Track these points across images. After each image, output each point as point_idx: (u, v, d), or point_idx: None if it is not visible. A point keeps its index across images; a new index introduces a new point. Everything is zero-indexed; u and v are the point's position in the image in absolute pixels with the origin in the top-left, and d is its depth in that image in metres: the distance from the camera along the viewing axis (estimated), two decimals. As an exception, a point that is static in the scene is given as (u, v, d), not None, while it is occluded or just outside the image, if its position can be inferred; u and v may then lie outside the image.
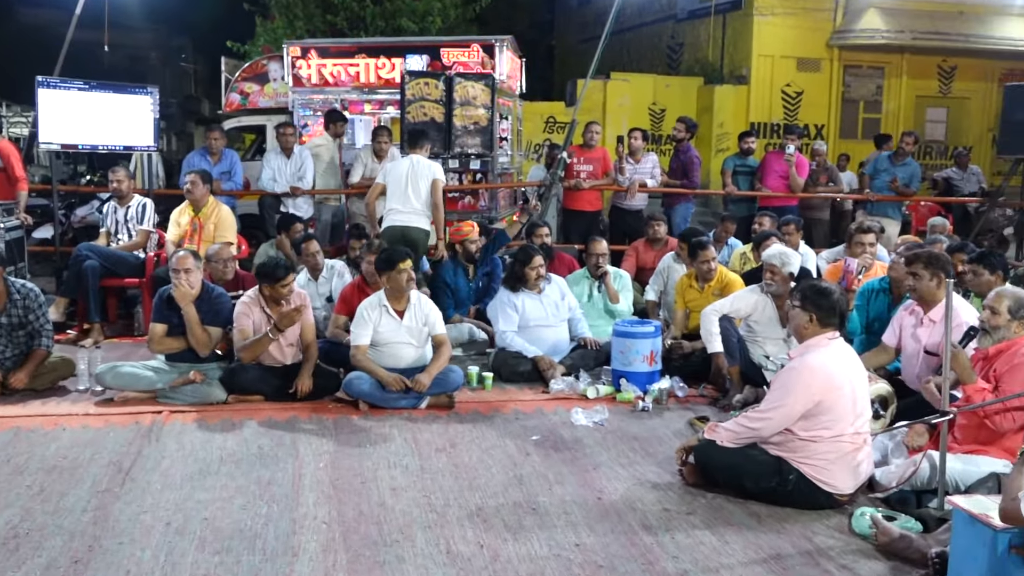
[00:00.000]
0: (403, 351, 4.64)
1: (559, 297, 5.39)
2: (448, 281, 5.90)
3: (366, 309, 4.64)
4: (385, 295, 4.66)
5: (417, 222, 6.21)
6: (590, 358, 5.25)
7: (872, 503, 3.33)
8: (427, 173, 6.18)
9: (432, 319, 4.68)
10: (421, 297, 4.75)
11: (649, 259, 6.83)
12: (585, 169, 7.85)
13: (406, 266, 4.59)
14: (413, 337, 4.65)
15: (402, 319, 4.64)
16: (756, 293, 4.80)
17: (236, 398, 4.58)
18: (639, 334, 4.89)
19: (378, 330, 4.61)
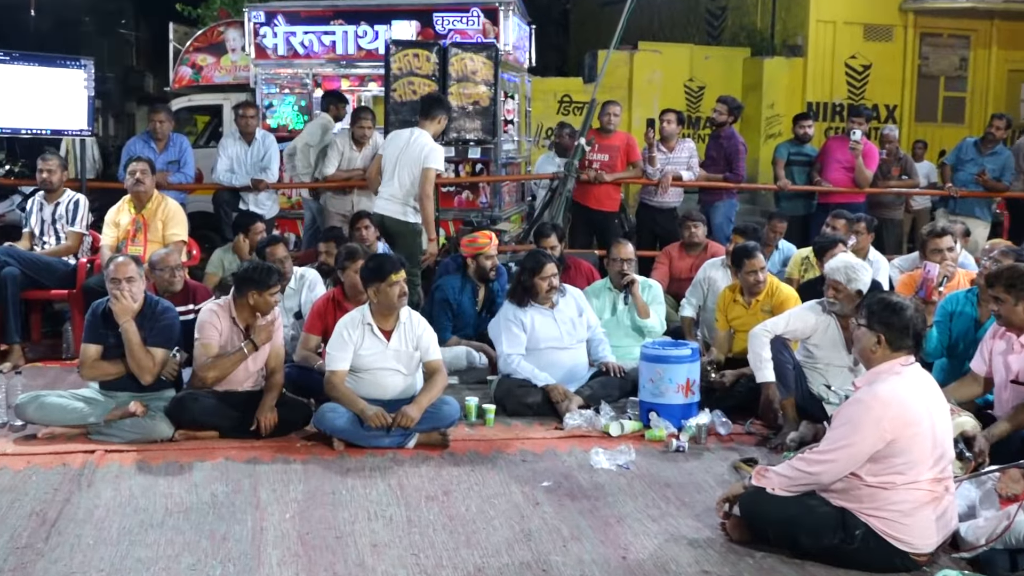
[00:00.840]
0: (389, 379, 4.66)
1: (575, 313, 5.40)
2: (450, 298, 5.91)
3: (346, 328, 4.66)
4: (370, 311, 4.68)
5: (397, 212, 6.26)
6: (613, 387, 5.26)
7: (956, 564, 3.31)
8: (418, 156, 6.21)
9: (426, 342, 4.71)
10: (413, 315, 4.78)
11: (684, 267, 6.87)
12: (600, 159, 7.92)
13: (399, 278, 4.62)
14: (401, 363, 4.68)
15: (389, 341, 4.66)
16: (816, 311, 4.81)
17: (185, 434, 4.60)
18: (673, 358, 4.90)
19: (359, 353, 4.63)
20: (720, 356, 5.48)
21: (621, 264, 5.84)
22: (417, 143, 6.24)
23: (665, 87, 13.66)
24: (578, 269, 6.62)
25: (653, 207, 8.09)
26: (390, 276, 4.60)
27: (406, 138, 6.32)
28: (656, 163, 7.94)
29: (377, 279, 4.63)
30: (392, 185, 6.29)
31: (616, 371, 5.31)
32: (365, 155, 7.79)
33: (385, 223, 6.38)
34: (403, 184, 6.25)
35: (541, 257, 5.32)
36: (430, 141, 6.26)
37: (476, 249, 5.92)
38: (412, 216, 6.31)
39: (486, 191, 8.29)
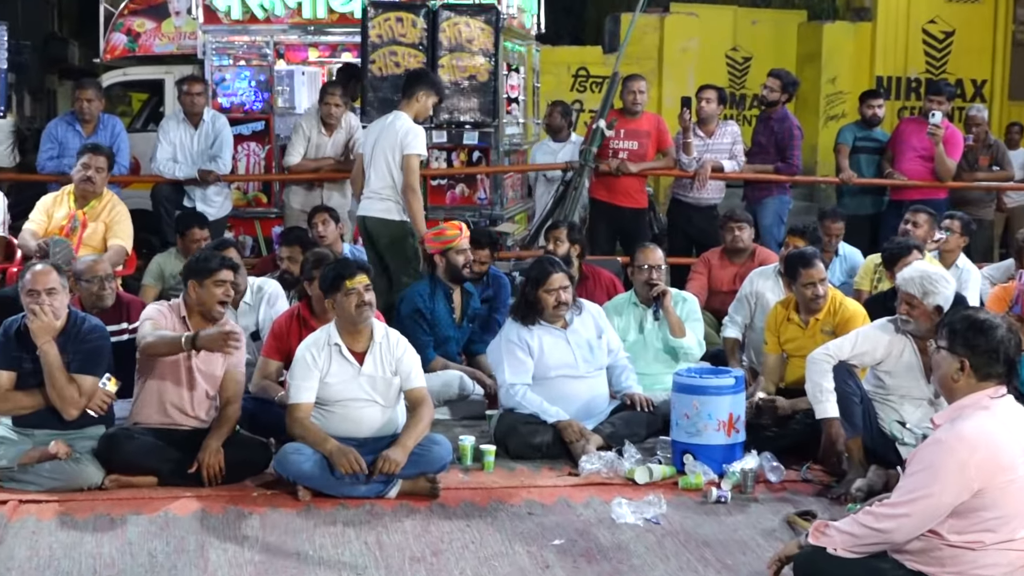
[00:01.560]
0: (364, 413, 4.68)
1: (593, 334, 5.42)
2: (421, 308, 5.93)
3: (310, 350, 4.68)
4: (336, 329, 4.71)
5: (380, 210, 6.32)
6: (640, 424, 5.28)
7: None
8: (396, 142, 6.28)
9: (407, 366, 4.73)
10: (391, 333, 4.80)
11: (727, 278, 6.90)
12: (624, 146, 7.96)
13: (356, 283, 4.64)
14: (378, 392, 4.69)
15: (362, 365, 4.69)
16: (888, 331, 4.81)
17: (117, 480, 4.61)
18: (712, 388, 4.91)
19: (326, 381, 4.65)
20: (771, 386, 5.49)
21: (649, 272, 5.87)
22: (393, 127, 6.32)
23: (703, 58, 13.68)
24: (597, 280, 6.65)
25: (688, 204, 8.12)
26: (344, 282, 4.62)
27: (379, 127, 6.41)
28: (692, 151, 7.98)
29: (331, 288, 4.68)
30: (372, 180, 6.36)
31: (643, 404, 5.32)
32: (336, 141, 7.84)
33: (368, 226, 6.43)
34: (383, 177, 6.32)
35: (548, 265, 5.34)
36: (408, 123, 6.32)
37: (444, 243, 5.97)
38: (399, 213, 6.37)
39: (485, 185, 8.31)
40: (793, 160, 8.12)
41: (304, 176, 7.87)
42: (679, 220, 8.21)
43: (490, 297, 6.49)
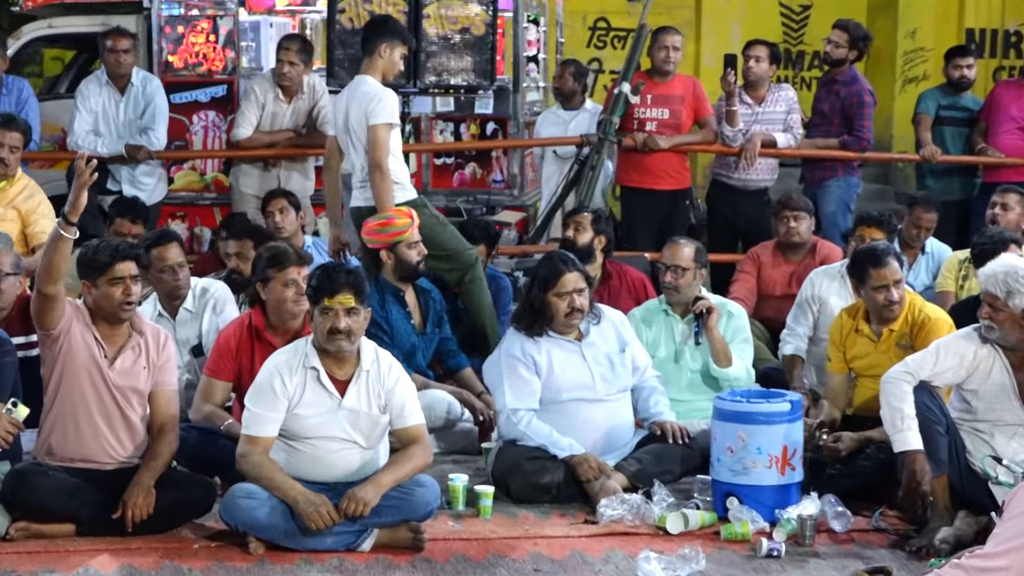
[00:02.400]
0: (339, 454, 4.67)
1: (615, 347, 5.43)
2: (375, 318, 5.83)
3: (279, 372, 4.67)
4: (314, 347, 4.71)
5: (369, 198, 6.35)
6: (672, 460, 5.29)
7: None
8: (360, 111, 6.30)
9: (399, 398, 4.72)
10: (383, 358, 4.79)
11: (781, 279, 6.92)
12: (655, 116, 7.98)
13: (336, 303, 4.60)
14: (359, 431, 4.69)
15: (343, 396, 4.68)
16: (974, 342, 4.81)
17: (26, 529, 4.61)
18: (763, 415, 4.92)
19: (297, 413, 4.65)
20: (835, 413, 5.50)
21: (664, 273, 5.88)
22: (355, 97, 6.35)
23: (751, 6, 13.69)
24: (623, 280, 6.67)
25: (732, 188, 8.15)
26: (324, 298, 4.59)
27: (344, 99, 6.45)
28: (738, 121, 8.00)
29: (311, 300, 4.68)
30: (355, 166, 6.43)
31: (677, 435, 5.33)
32: (297, 109, 7.86)
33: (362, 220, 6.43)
34: (357, 155, 6.38)
35: (559, 263, 5.34)
36: (374, 86, 6.33)
37: (392, 236, 5.99)
38: (401, 194, 6.34)
39: (502, 164, 8.31)
40: (863, 133, 8.13)
41: (257, 153, 7.88)
42: (721, 207, 8.24)
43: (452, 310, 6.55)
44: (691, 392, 5.82)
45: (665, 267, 5.88)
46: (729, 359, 5.76)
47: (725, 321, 5.86)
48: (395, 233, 6.00)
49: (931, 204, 7.28)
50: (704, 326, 5.77)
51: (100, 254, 4.71)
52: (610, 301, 6.03)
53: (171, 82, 8.56)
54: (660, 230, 7.87)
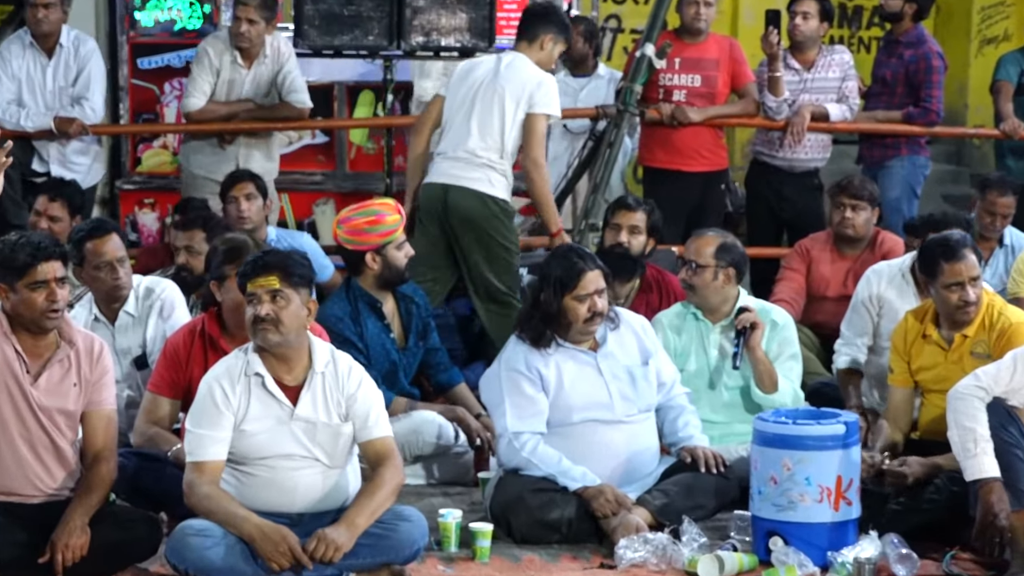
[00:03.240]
0: (299, 476, 4.68)
1: (637, 358, 5.46)
2: (349, 335, 5.94)
3: (219, 383, 4.68)
4: (257, 353, 4.72)
5: (471, 179, 6.50)
6: (704, 492, 5.31)
7: None
8: (520, 92, 6.51)
9: (364, 405, 4.73)
10: (340, 358, 4.81)
11: (835, 277, 6.93)
12: (685, 84, 8.00)
13: (258, 287, 4.64)
14: (319, 445, 4.70)
15: (295, 405, 4.71)
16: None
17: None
18: (812, 439, 4.92)
19: (244, 429, 4.66)
20: (898, 435, 5.51)
21: (683, 270, 5.91)
22: (514, 73, 6.54)
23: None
24: (664, 292, 6.67)
25: (777, 169, 8.17)
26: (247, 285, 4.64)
27: (491, 67, 6.61)
28: (783, 89, 8.01)
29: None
30: (468, 140, 6.53)
31: (711, 463, 5.35)
32: (259, 76, 7.86)
33: (449, 200, 6.54)
34: (490, 135, 6.49)
35: (577, 259, 5.34)
36: (540, 72, 6.57)
37: (382, 236, 5.95)
38: (499, 187, 6.50)
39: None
40: (931, 103, 8.15)
41: (211, 127, 7.90)
42: (763, 192, 8.25)
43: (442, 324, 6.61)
44: (727, 412, 5.84)
45: (683, 262, 5.93)
46: (775, 383, 5.77)
47: (768, 332, 5.85)
48: (385, 233, 5.97)
49: (1007, 187, 7.27)
50: (746, 344, 5.75)
51: (18, 253, 4.61)
52: (643, 310, 6.08)
53: (139, 43, 8.60)
54: (690, 220, 7.86)
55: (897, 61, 8.25)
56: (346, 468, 4.76)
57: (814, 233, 7.18)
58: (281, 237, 7.14)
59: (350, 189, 8.93)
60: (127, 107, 9.14)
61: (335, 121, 9.13)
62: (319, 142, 9.27)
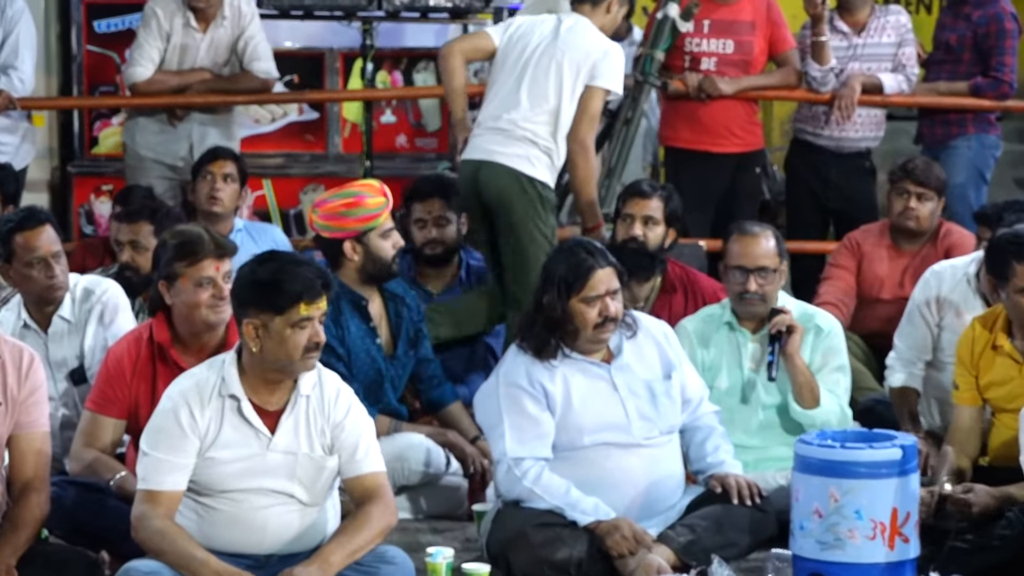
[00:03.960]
0: (271, 514, 4.67)
1: (658, 370, 5.45)
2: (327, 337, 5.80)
3: (185, 401, 4.66)
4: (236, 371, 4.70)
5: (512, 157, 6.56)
6: (737, 526, 5.28)
7: None
8: (582, 60, 6.60)
9: (352, 435, 4.73)
10: (327, 379, 4.81)
11: (891, 277, 6.95)
12: (714, 51, 8.01)
13: (315, 310, 4.61)
14: (299, 481, 4.70)
15: (274, 433, 4.69)
16: None
17: None
18: (864, 466, 4.90)
19: (212, 456, 4.65)
20: (963, 461, 5.51)
21: (746, 279, 5.81)
22: (576, 38, 6.64)
23: None
24: (691, 293, 6.67)
25: (822, 150, 8.19)
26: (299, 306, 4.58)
27: (550, 30, 6.67)
28: (828, 56, 8.01)
29: (271, 306, 4.59)
30: (516, 110, 6.59)
31: (744, 493, 5.33)
32: (216, 40, 7.85)
33: (480, 179, 6.61)
34: (536, 105, 6.57)
35: (585, 254, 5.32)
36: (604, 40, 6.68)
37: (362, 222, 5.96)
38: (541, 169, 6.56)
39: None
40: (1003, 73, 8.15)
41: (159, 101, 7.90)
42: (806, 177, 8.27)
43: None
44: (764, 434, 5.84)
45: (740, 270, 5.83)
46: (816, 397, 5.77)
47: (812, 341, 5.85)
48: (366, 217, 5.97)
49: None
50: (782, 351, 5.73)
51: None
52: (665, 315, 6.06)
53: (95, 3, 8.65)
54: (720, 210, 7.90)
55: (964, 23, 8.23)
56: (325, 505, 4.77)
57: (866, 225, 7.17)
58: (249, 231, 7.12)
59: (343, 173, 8.91)
60: (81, 78, 9.16)
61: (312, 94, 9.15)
62: (307, 119, 9.33)
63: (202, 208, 6.92)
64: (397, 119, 8.90)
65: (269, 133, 8.89)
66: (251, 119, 9.12)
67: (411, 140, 9.44)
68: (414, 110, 9.40)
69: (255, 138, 9.17)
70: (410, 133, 9.28)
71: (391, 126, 8.96)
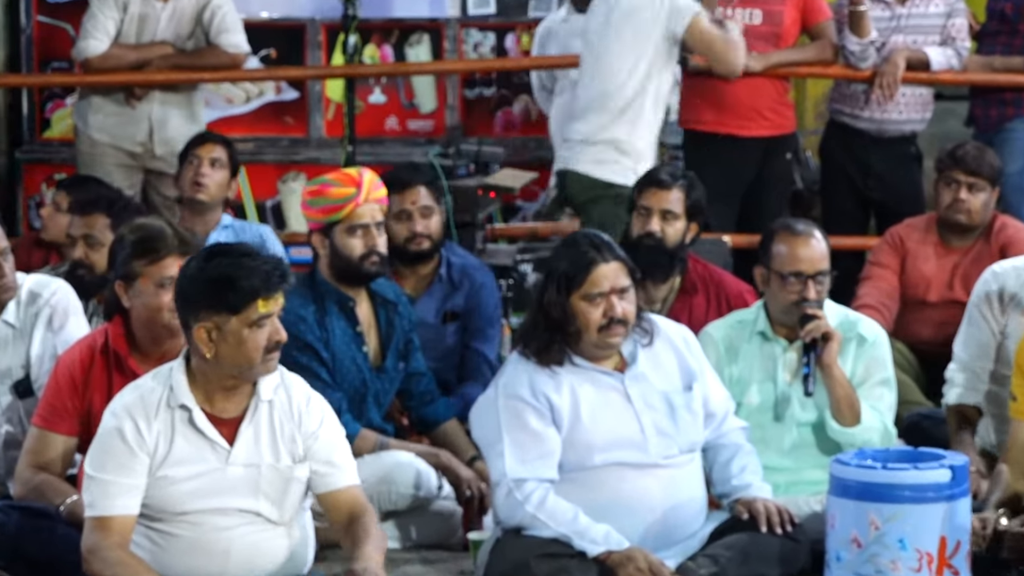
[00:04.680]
0: (233, 536, 4.70)
1: (677, 382, 5.46)
2: (311, 340, 5.99)
3: (129, 415, 4.67)
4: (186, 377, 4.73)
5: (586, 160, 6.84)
6: (766, 557, 5.29)
7: None
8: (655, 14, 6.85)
9: (326, 444, 4.76)
10: (290, 381, 4.83)
11: (939, 277, 6.96)
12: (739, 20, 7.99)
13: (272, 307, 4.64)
14: (265, 496, 4.72)
15: (232, 445, 4.73)
16: None
17: None
18: (908, 489, 4.92)
19: (164, 475, 4.67)
20: (1020, 483, 5.51)
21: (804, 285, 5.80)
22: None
23: None
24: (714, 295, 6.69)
25: (862, 134, 8.22)
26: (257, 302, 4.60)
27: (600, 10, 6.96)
28: (868, 28, 8.03)
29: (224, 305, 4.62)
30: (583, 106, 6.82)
31: (774, 520, 5.33)
32: (179, 11, 7.87)
33: (570, 189, 6.85)
34: (616, 94, 6.78)
35: (587, 247, 5.33)
36: None
37: (325, 212, 6.02)
38: (620, 170, 6.74)
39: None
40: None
41: (115, 79, 7.92)
42: (844, 164, 8.29)
43: (459, 311, 6.68)
44: (797, 455, 5.86)
45: (797, 276, 5.81)
46: (857, 413, 5.78)
47: (854, 351, 5.87)
48: (328, 209, 6.02)
49: None
50: (818, 362, 5.74)
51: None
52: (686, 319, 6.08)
53: None
54: (747, 200, 7.92)
55: (1020, -5, 8.27)
56: (300, 524, 4.80)
57: (911, 218, 7.17)
58: (237, 230, 7.11)
59: (327, 159, 8.95)
60: (31, 52, 9.18)
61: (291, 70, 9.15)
62: (287, 98, 9.35)
63: (185, 195, 6.94)
64: (387, 99, 8.89)
65: (243, 115, 8.89)
66: (223, 98, 9.14)
67: (402, 123, 9.45)
68: (406, 89, 9.42)
69: (227, 120, 9.19)
70: (401, 115, 9.27)
71: (380, 107, 8.95)
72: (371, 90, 9.12)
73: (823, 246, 5.88)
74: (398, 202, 6.63)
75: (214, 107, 8.74)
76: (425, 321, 6.76)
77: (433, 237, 6.71)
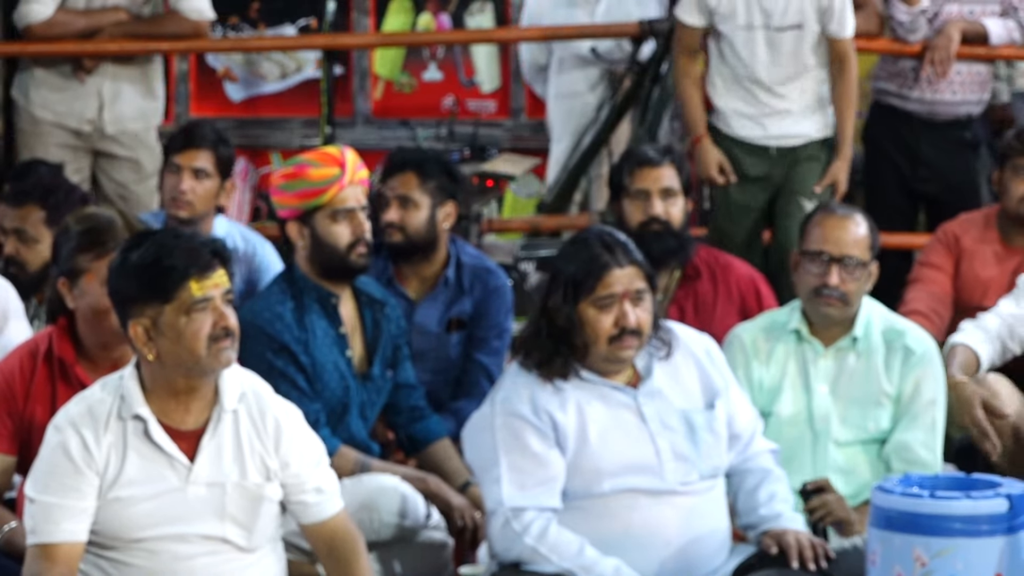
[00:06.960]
0: (195, 565, 4.71)
1: (698, 399, 5.47)
2: (288, 341, 6.01)
3: (75, 429, 4.68)
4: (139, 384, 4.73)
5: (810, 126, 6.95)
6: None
7: None
8: None
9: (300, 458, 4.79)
10: (257, 388, 4.85)
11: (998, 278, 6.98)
12: None
13: (209, 287, 4.64)
14: (231, 519, 4.73)
15: (193, 461, 4.74)
16: None
17: None
18: (959, 521, 4.89)
19: (117, 496, 4.68)
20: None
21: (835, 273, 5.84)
22: None
23: None
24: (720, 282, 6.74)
25: (911, 116, 8.26)
26: (189, 283, 4.60)
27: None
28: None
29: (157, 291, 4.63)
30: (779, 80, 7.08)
31: (806, 554, 5.32)
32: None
33: None
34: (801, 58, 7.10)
35: (598, 247, 5.32)
36: None
37: (304, 197, 6.03)
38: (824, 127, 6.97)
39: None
40: None
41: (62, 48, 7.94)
42: (890, 151, 8.34)
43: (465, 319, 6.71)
44: (834, 479, 5.83)
45: (820, 257, 5.87)
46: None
47: (900, 367, 5.91)
48: (307, 193, 6.02)
49: None
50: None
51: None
52: (698, 322, 6.10)
53: None
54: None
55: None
56: (273, 552, 4.83)
57: (966, 213, 7.18)
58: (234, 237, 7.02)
59: (372, 144, 8.91)
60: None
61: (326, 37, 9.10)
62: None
63: (167, 209, 6.92)
64: (443, 75, 8.85)
65: (278, 93, 8.82)
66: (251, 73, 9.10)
67: (461, 103, 9.46)
68: (465, 64, 9.43)
69: (258, 99, 9.12)
70: (460, 93, 9.25)
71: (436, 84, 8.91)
72: (425, 65, 9.05)
73: (861, 231, 5.91)
74: (384, 187, 6.62)
75: (243, 84, 8.70)
76: (426, 329, 6.77)
77: (407, 230, 6.64)
